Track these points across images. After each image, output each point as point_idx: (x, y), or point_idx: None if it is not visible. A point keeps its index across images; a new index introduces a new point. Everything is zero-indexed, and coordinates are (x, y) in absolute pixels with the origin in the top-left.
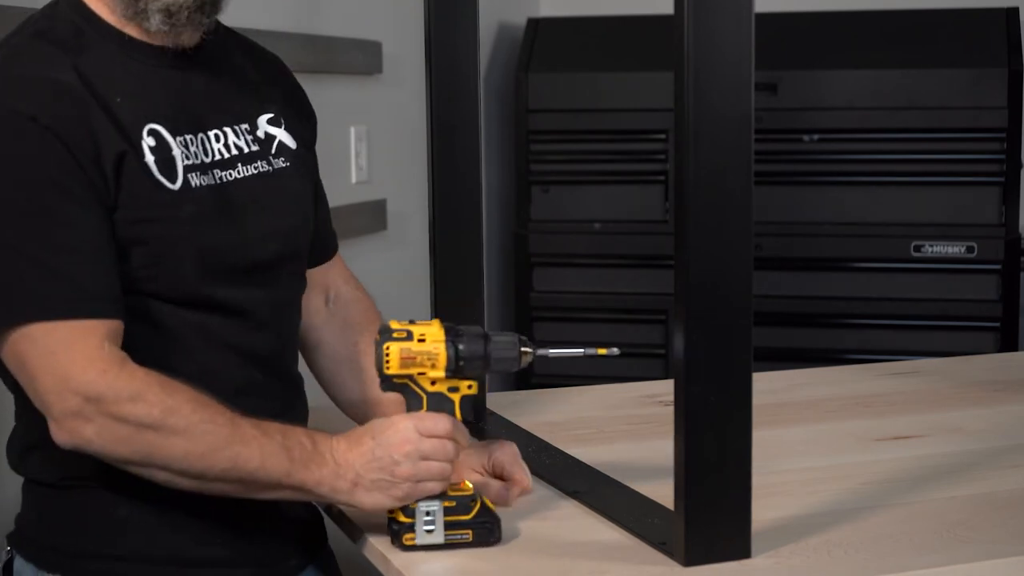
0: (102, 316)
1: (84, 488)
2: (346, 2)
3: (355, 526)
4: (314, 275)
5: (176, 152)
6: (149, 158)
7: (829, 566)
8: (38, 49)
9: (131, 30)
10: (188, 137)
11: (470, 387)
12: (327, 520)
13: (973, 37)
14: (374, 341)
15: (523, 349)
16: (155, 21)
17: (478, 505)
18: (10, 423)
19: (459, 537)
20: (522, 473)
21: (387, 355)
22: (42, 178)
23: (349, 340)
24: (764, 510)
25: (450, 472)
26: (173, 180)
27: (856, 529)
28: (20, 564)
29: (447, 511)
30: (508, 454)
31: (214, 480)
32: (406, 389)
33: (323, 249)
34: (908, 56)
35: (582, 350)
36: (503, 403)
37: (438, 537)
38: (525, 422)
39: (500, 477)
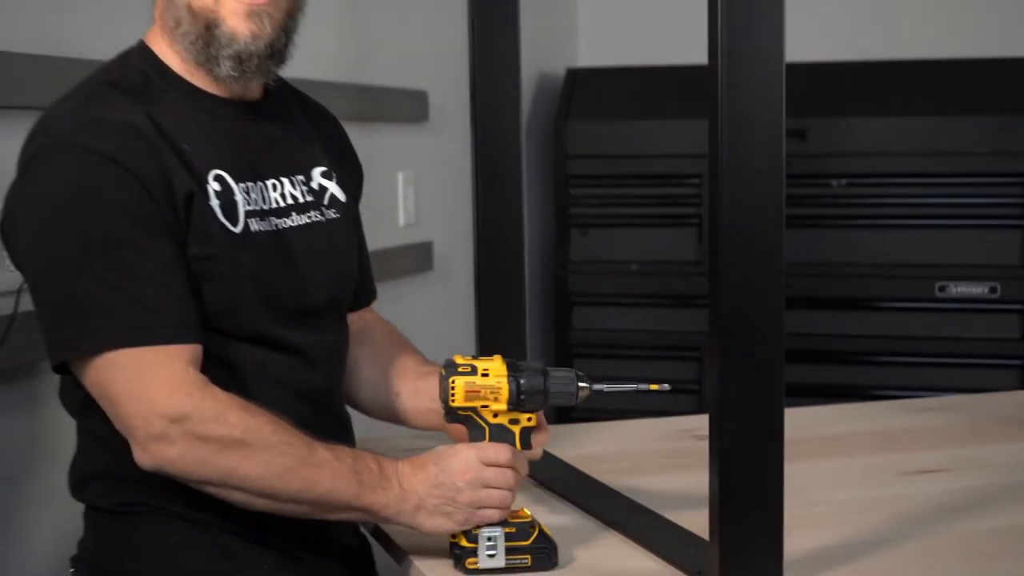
0: (184, 341)
1: (138, 515)
2: (394, 54)
3: (402, 551)
4: (352, 319)
5: (239, 197)
6: (214, 201)
7: None
8: (110, 96)
9: (198, 80)
10: (249, 184)
11: (529, 419)
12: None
13: (996, 85)
14: (440, 374)
15: (580, 384)
16: (225, 67)
17: (536, 531)
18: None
19: (519, 562)
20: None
21: (453, 388)
22: (122, 212)
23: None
24: (796, 541)
25: (510, 500)
26: (235, 223)
27: (884, 560)
28: None
29: (508, 536)
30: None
31: (287, 501)
32: (470, 420)
33: (364, 296)
34: (932, 104)
35: (634, 386)
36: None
37: (499, 562)
38: (566, 455)
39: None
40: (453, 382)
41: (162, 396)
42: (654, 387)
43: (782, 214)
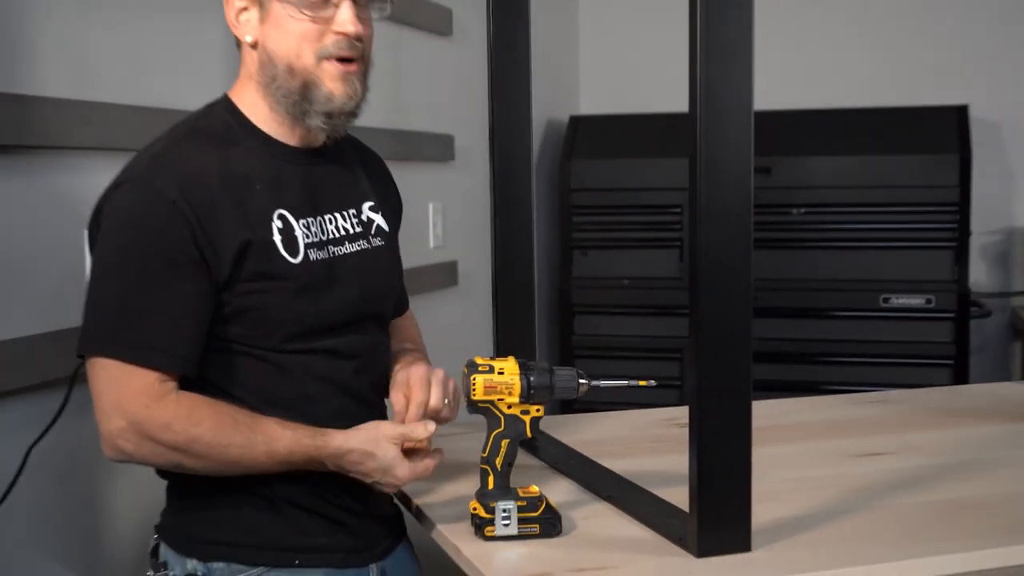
0: (159, 365)
1: (212, 491)
2: (425, 104)
3: (430, 520)
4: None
5: (298, 233)
6: (276, 238)
7: (814, 558)
8: (194, 143)
9: (272, 130)
10: (309, 220)
11: (538, 410)
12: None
13: (931, 129)
14: (463, 373)
15: (581, 381)
16: (317, 121)
17: (544, 505)
18: None
19: (529, 530)
20: (420, 391)
21: (473, 384)
22: (161, 248)
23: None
24: (761, 513)
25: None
26: (295, 255)
27: (835, 528)
28: (164, 549)
29: (519, 509)
30: (413, 375)
31: (231, 475)
32: (488, 411)
33: (399, 307)
34: (878, 145)
35: (627, 382)
36: (550, 424)
37: (512, 530)
38: (568, 440)
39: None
40: (474, 379)
41: (126, 402)
42: (643, 383)
43: (750, 237)
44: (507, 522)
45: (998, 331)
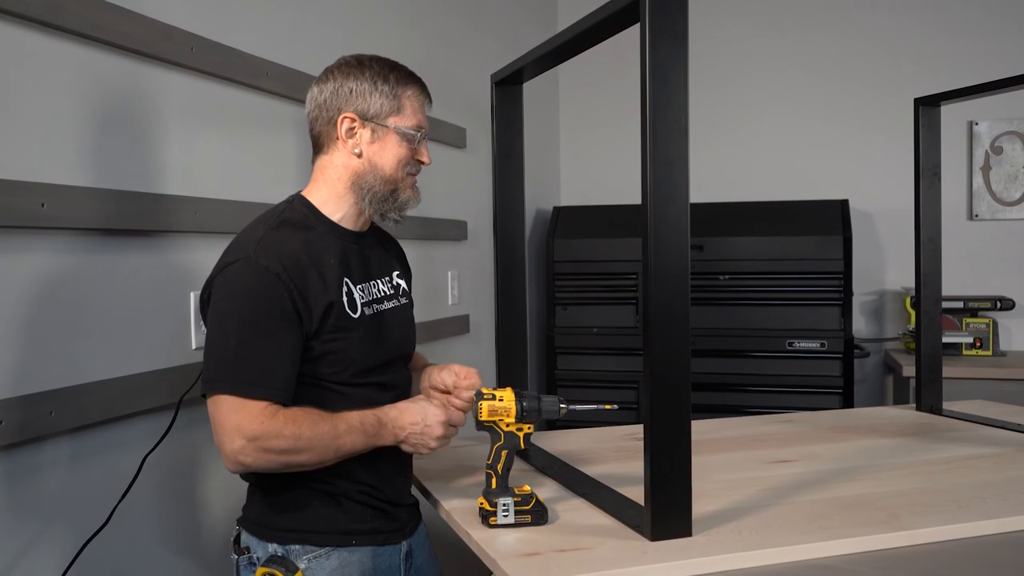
0: (268, 399)
1: (292, 490)
2: (446, 197)
3: (448, 512)
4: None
5: (356, 295)
6: (344, 300)
7: (740, 541)
8: (284, 230)
9: (339, 220)
10: (364, 284)
11: (529, 428)
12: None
13: (822, 217)
14: (473, 399)
15: (561, 405)
16: (394, 214)
17: (534, 500)
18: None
19: (523, 520)
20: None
21: (480, 409)
22: (269, 307)
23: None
24: (699, 506)
25: (447, 443)
26: (355, 312)
27: (756, 518)
28: (246, 536)
29: (516, 504)
30: (458, 366)
31: (327, 463)
32: (491, 429)
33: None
34: (783, 228)
35: (595, 406)
36: (539, 438)
37: (511, 520)
38: (553, 450)
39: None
40: (480, 405)
41: (245, 425)
42: (607, 406)
43: (688, 297)
44: (506, 514)
45: (875, 368)
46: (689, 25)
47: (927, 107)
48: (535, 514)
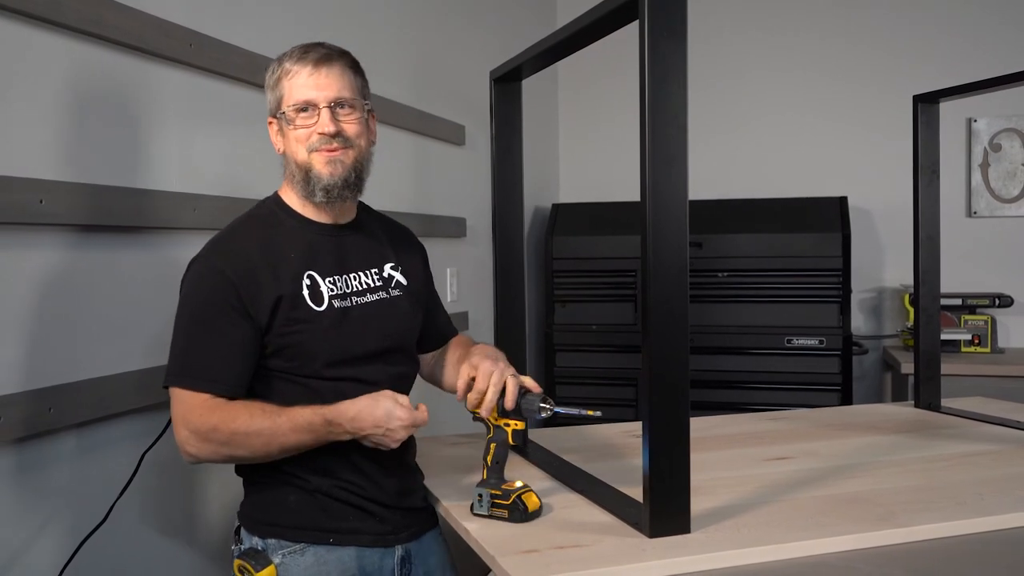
0: (210, 391)
1: (273, 485)
2: (445, 194)
3: (442, 504)
4: (442, 347)
5: (324, 288)
6: (304, 293)
7: (738, 538)
8: (245, 226)
9: (308, 214)
10: (335, 278)
11: (518, 424)
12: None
13: (821, 214)
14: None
15: (542, 405)
16: (319, 196)
17: (514, 496)
18: None
19: (500, 513)
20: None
21: (468, 400)
22: (216, 305)
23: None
24: (697, 503)
25: (399, 439)
26: (319, 304)
27: (755, 515)
28: (243, 531)
29: (494, 497)
30: (483, 366)
31: (276, 456)
32: (484, 422)
33: (444, 336)
34: (782, 225)
35: (578, 411)
36: (540, 436)
37: (484, 511)
38: (552, 448)
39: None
40: (468, 396)
41: (188, 416)
42: (590, 412)
43: (687, 294)
44: (481, 504)
45: (873, 365)
46: (688, 22)
47: (926, 104)
48: (512, 510)
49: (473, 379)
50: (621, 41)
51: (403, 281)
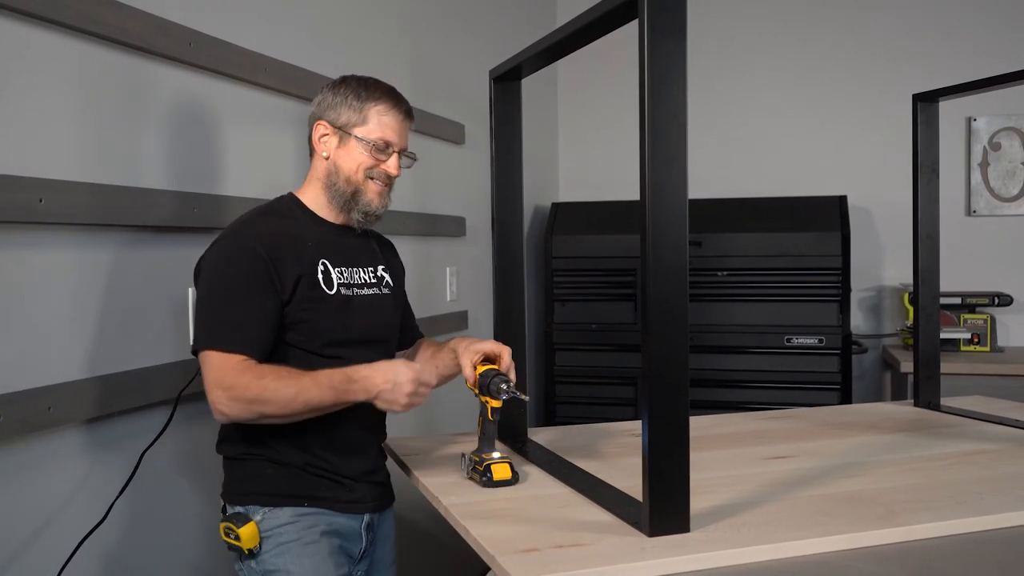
0: (246, 353)
1: (248, 459)
2: (444, 193)
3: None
4: (413, 345)
5: (334, 275)
6: (319, 276)
7: (738, 537)
8: (267, 217)
9: (321, 213)
10: (343, 268)
11: (495, 403)
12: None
13: (820, 213)
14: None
15: (502, 387)
16: (356, 216)
17: (486, 464)
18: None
19: (475, 477)
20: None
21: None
22: (247, 276)
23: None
24: (697, 502)
25: (419, 402)
26: (330, 289)
27: (755, 514)
28: (227, 505)
29: (473, 462)
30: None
31: (299, 415)
32: (477, 397)
33: (413, 336)
34: (782, 225)
35: (527, 398)
36: (539, 435)
37: (465, 474)
38: (551, 445)
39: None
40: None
41: (222, 376)
42: (524, 396)
43: (687, 293)
44: (463, 467)
45: (873, 364)
46: (688, 21)
47: (925, 103)
48: (482, 476)
49: (482, 360)
50: (621, 40)
51: (391, 282)
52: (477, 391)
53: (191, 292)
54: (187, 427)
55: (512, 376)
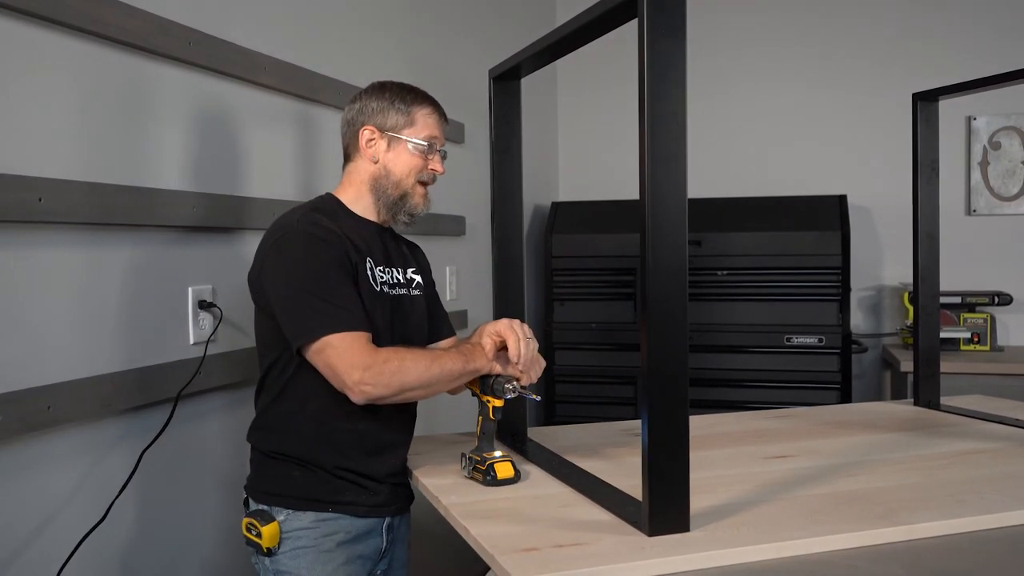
0: (362, 329)
1: (278, 460)
2: (444, 193)
3: (441, 502)
4: (439, 342)
5: (376, 273)
6: (368, 272)
7: (738, 536)
8: (320, 214)
9: (361, 213)
10: (383, 268)
11: (497, 402)
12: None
13: (820, 212)
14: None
15: (507, 386)
16: (402, 219)
17: (488, 463)
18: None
19: (477, 477)
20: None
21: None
22: (330, 265)
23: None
24: (697, 501)
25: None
26: (377, 285)
27: (754, 513)
28: (251, 500)
29: (474, 461)
30: (503, 326)
31: (436, 384)
32: (479, 401)
33: (444, 333)
34: (781, 224)
35: (539, 397)
36: (538, 435)
37: (467, 473)
38: (550, 445)
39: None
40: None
41: (358, 357)
42: (535, 396)
43: (686, 292)
44: (464, 467)
45: (872, 363)
46: (687, 20)
47: (925, 102)
48: (485, 476)
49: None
50: (621, 39)
51: (421, 283)
52: (477, 390)
53: (191, 292)
54: (187, 427)
55: (521, 366)
